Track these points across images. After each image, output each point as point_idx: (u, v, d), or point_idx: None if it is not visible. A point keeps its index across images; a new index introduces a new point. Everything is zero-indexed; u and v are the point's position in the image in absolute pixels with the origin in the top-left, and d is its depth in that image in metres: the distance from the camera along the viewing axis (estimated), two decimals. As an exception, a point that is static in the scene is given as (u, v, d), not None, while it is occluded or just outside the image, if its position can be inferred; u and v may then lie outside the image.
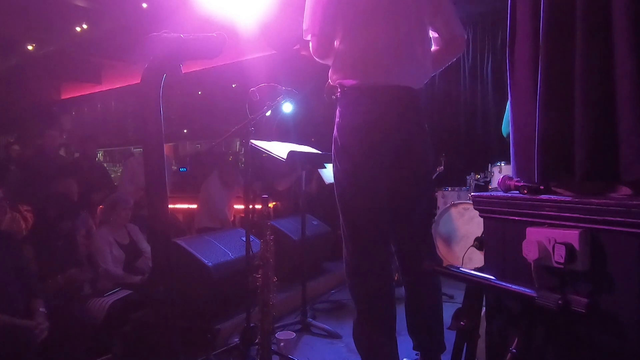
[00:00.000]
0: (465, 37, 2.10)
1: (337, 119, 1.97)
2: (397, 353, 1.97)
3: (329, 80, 2.06)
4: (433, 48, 2.08)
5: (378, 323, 1.95)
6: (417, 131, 1.98)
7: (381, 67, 1.87)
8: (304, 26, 1.98)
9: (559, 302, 1.09)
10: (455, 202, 4.02)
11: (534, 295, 1.16)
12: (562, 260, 1.19)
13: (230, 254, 2.94)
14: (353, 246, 1.96)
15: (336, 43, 1.95)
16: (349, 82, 1.90)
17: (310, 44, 1.97)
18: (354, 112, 1.90)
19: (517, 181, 1.44)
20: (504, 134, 2.80)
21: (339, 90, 1.96)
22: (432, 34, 2.06)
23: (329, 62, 2.01)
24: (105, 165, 7.24)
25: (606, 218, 1.16)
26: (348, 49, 1.91)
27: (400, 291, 2.10)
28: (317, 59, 2.02)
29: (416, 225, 2.03)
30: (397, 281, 2.46)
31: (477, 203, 1.54)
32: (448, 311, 1.96)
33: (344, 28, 1.91)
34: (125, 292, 2.83)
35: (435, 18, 2.01)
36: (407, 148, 1.94)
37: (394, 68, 1.88)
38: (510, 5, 1.49)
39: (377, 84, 1.87)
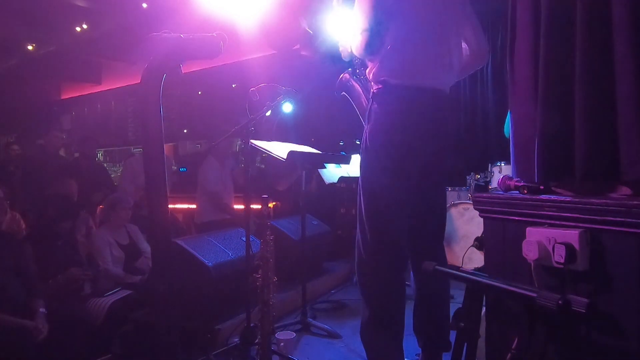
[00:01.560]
0: (489, 49, 2.20)
1: (375, 115, 1.99)
2: (403, 355, 2.01)
3: (342, 77, 2.08)
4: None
5: (388, 324, 1.98)
6: (449, 135, 2.06)
7: (428, 71, 1.95)
8: (357, 22, 1.99)
9: (559, 302, 1.09)
10: (455, 202, 4.02)
11: (534, 295, 1.16)
12: (562, 260, 1.19)
13: (230, 254, 2.94)
14: (373, 245, 1.97)
15: (385, 42, 1.97)
16: (396, 81, 1.95)
17: (360, 40, 1.97)
18: (397, 111, 1.94)
19: (517, 181, 1.44)
20: (507, 135, 2.80)
21: (379, 87, 1.99)
22: (462, 44, 2.13)
23: (374, 58, 2.02)
24: (105, 165, 7.25)
25: (606, 218, 1.16)
26: (399, 49, 1.95)
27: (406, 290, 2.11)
28: (360, 55, 2.05)
29: (434, 226, 2.09)
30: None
31: (477, 203, 1.54)
32: (450, 311, 1.96)
33: (394, 29, 1.94)
34: (125, 292, 2.83)
35: (467, 30, 2.09)
36: (439, 152, 2.00)
37: (437, 72, 1.97)
38: (510, 5, 1.49)
39: (421, 86, 1.94)
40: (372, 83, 2.04)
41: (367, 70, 2.09)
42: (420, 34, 1.94)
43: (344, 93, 2.08)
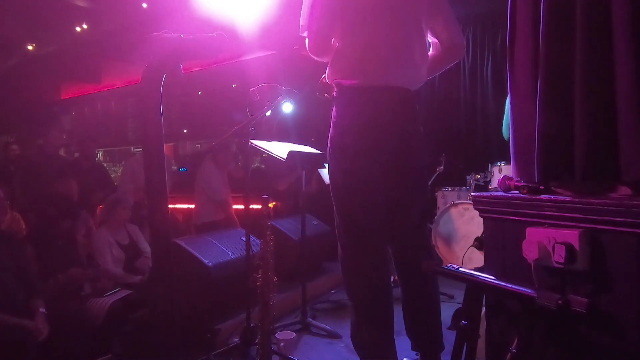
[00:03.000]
0: (465, 43, 2.10)
1: (333, 118, 1.97)
2: (395, 352, 1.97)
3: (322, 78, 2.06)
4: (431, 52, 2.07)
5: (376, 323, 1.94)
6: (413, 132, 1.98)
7: (380, 68, 1.88)
8: (301, 22, 1.97)
9: (559, 302, 1.09)
10: (455, 202, 4.02)
11: (534, 295, 1.16)
12: (562, 260, 1.19)
13: (230, 254, 2.94)
14: (348, 245, 1.97)
15: (334, 42, 1.95)
16: (348, 81, 1.90)
17: (307, 41, 1.96)
18: (351, 112, 1.91)
19: (517, 181, 1.44)
20: (505, 136, 2.81)
21: (335, 89, 1.96)
22: (431, 38, 2.06)
23: (325, 59, 2.01)
24: (105, 165, 7.24)
25: (606, 218, 1.16)
26: (347, 48, 1.91)
27: (398, 292, 2.09)
28: (313, 56, 2.02)
29: (411, 226, 2.03)
30: (394, 282, 2.46)
31: (477, 203, 1.54)
32: (448, 311, 1.95)
33: (342, 27, 1.90)
34: (125, 292, 2.83)
35: (435, 23, 2.01)
36: (403, 149, 1.94)
37: (392, 69, 1.88)
38: (510, 5, 1.49)
39: (375, 85, 1.88)
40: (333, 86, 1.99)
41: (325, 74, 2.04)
42: (369, 31, 1.87)
43: (326, 94, 2.06)
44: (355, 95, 1.89)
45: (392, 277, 2.51)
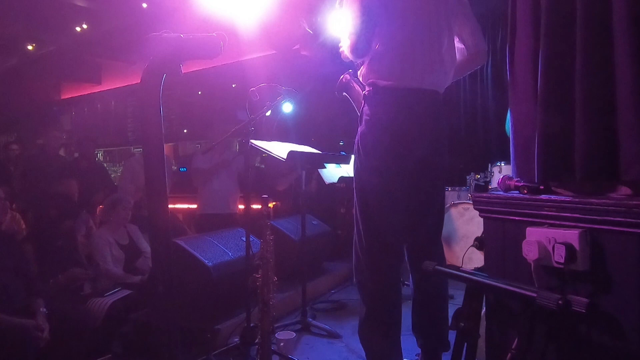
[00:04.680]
0: (487, 51, 2.18)
1: (366, 117, 2.01)
2: (401, 353, 2.01)
3: (342, 78, 2.10)
4: (458, 58, 2.13)
5: (385, 322, 1.98)
6: (441, 134, 2.05)
7: (416, 72, 1.94)
8: (346, 24, 2.00)
9: (559, 302, 1.09)
10: (455, 202, 4.02)
11: (534, 295, 1.16)
12: (562, 260, 1.19)
13: (230, 254, 2.94)
14: (367, 243, 1.99)
15: (373, 44, 1.98)
16: (383, 82, 1.95)
17: (348, 42, 1.99)
18: (386, 112, 1.95)
19: (517, 181, 1.44)
20: (508, 133, 2.80)
21: (369, 88, 2.00)
22: (458, 44, 2.12)
23: (361, 60, 2.04)
24: (105, 165, 7.24)
25: (606, 218, 1.16)
26: (385, 50, 1.95)
27: (405, 291, 2.11)
28: (351, 58, 2.05)
29: (429, 227, 2.09)
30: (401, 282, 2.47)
31: (477, 203, 1.54)
32: (448, 311, 1.96)
33: (382, 30, 1.94)
34: (125, 292, 2.83)
35: (464, 30, 2.09)
36: (431, 151, 1.99)
37: (426, 73, 1.95)
38: (510, 5, 1.49)
39: (410, 87, 1.94)
40: (365, 85, 2.05)
41: (358, 72, 2.10)
42: (407, 34, 1.93)
43: (345, 94, 2.09)
44: (389, 95, 1.95)
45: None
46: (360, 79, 2.08)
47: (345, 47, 2.02)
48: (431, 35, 1.96)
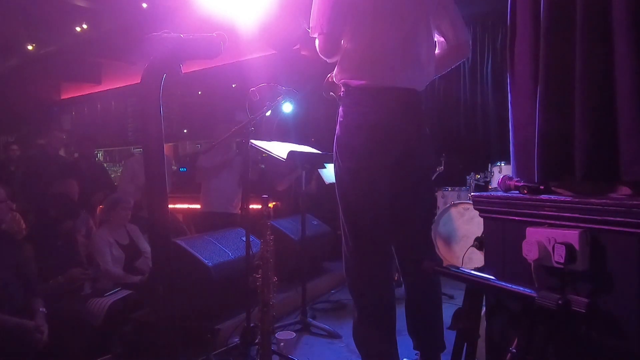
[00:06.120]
0: (470, 41, 2.11)
1: (340, 118, 1.98)
2: (397, 352, 1.98)
3: (328, 77, 2.06)
4: (437, 52, 2.08)
5: (378, 322, 1.95)
6: (419, 133, 1.99)
7: (388, 69, 1.88)
8: (311, 24, 1.97)
9: (559, 302, 1.09)
10: (455, 202, 4.02)
11: (534, 295, 1.16)
12: (562, 260, 1.19)
13: (230, 254, 2.94)
14: (353, 244, 1.97)
15: (343, 42, 1.95)
16: (355, 82, 1.90)
17: (317, 42, 1.96)
18: (359, 112, 1.91)
19: (517, 181, 1.44)
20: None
21: (342, 89, 1.96)
22: (438, 38, 2.07)
23: (335, 60, 2.01)
24: (105, 165, 7.24)
25: (606, 218, 1.16)
26: (355, 49, 1.92)
27: (400, 291, 2.10)
28: (323, 58, 2.01)
29: (416, 226, 2.04)
30: (396, 281, 2.46)
31: (477, 203, 1.54)
32: (448, 311, 1.95)
33: (351, 28, 1.91)
34: (125, 292, 2.83)
35: (442, 22, 2.01)
36: (409, 149, 1.95)
37: (400, 70, 1.89)
38: (510, 5, 1.49)
39: (383, 85, 1.88)
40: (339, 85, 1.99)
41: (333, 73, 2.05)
42: (377, 32, 1.88)
43: (332, 93, 2.06)
44: (362, 95, 1.90)
45: (395, 275, 2.51)
46: (334, 80, 2.03)
47: (317, 47, 1.96)
48: (404, 32, 1.88)
